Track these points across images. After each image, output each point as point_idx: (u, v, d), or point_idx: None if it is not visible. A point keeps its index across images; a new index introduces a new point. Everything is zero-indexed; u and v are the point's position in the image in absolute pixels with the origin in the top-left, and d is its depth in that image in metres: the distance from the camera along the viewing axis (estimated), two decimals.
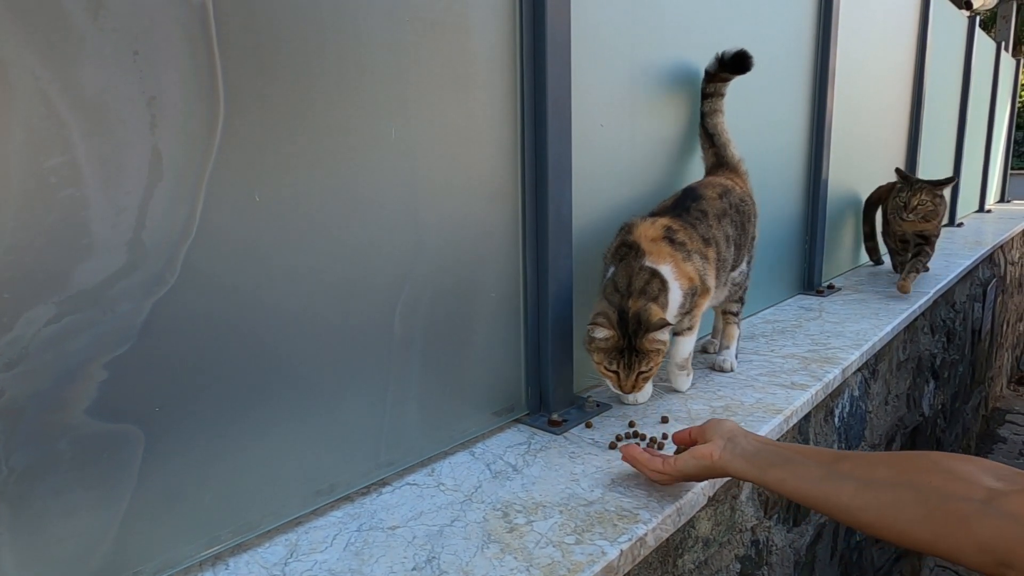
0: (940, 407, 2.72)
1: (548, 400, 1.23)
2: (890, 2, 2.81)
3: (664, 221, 1.27)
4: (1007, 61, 5.55)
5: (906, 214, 2.25)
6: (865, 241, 2.80)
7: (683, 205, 1.34)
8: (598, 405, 1.28)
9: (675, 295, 1.20)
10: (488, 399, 1.17)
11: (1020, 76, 6.22)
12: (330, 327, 0.91)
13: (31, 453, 0.67)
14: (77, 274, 0.68)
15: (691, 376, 1.35)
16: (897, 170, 2.30)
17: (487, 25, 1.07)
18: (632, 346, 1.14)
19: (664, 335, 1.15)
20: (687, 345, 1.32)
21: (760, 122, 1.92)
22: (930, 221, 2.28)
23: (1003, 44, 5.33)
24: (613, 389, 1.22)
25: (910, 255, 2.35)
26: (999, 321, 3.92)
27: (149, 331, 0.73)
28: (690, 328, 1.30)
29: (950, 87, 4.03)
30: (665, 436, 1.13)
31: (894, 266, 2.54)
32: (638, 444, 1.08)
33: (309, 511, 0.92)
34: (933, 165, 3.74)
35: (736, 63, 1.50)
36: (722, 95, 1.57)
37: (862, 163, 2.71)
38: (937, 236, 2.37)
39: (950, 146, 4.19)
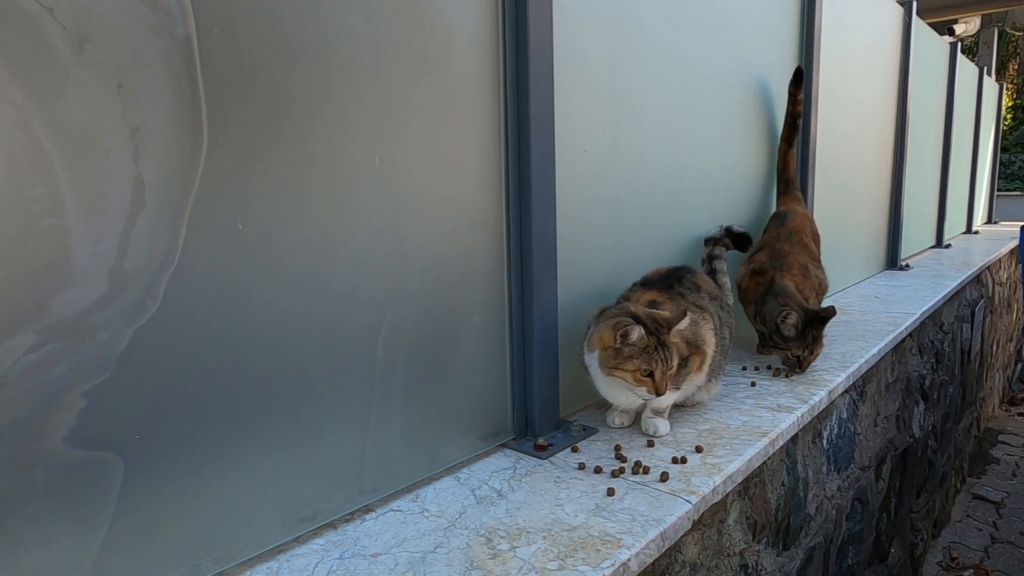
0: (931, 428, 2.72)
1: (534, 424, 1.23)
2: (872, 30, 2.87)
3: (648, 296, 1.29)
4: (990, 85, 5.65)
5: (796, 371, 1.65)
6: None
7: (676, 275, 1.37)
8: (584, 429, 1.28)
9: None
10: (474, 424, 1.17)
11: (1004, 99, 6.33)
12: (312, 354, 0.92)
13: (7, 481, 0.67)
14: (57, 303, 0.68)
15: (668, 423, 1.30)
16: (794, 314, 1.59)
17: (470, 55, 1.09)
18: (661, 342, 1.15)
19: (685, 322, 1.19)
20: (668, 399, 1.28)
21: (744, 147, 1.95)
22: None
23: (986, 69, 5.43)
24: (643, 397, 1.16)
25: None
26: (989, 341, 3.94)
27: (129, 359, 0.74)
28: (677, 388, 1.28)
29: (934, 112, 4.09)
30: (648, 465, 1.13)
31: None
32: (622, 468, 1.10)
33: (291, 538, 0.91)
34: (919, 188, 3.78)
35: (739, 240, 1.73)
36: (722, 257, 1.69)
37: (847, 187, 2.74)
38: None
39: (935, 169, 4.25)
